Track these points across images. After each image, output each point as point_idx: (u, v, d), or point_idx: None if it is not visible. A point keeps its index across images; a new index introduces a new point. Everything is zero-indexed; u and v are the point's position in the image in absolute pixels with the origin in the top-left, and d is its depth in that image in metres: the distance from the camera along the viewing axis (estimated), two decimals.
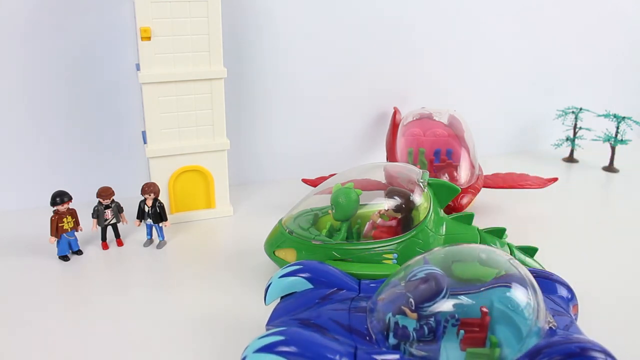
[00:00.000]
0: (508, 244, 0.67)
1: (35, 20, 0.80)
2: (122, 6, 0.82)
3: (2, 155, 0.84)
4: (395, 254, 0.63)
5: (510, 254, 0.66)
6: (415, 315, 0.48)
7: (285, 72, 0.95)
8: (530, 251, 0.68)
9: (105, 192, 0.73)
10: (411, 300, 0.48)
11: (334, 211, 0.68)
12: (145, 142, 0.80)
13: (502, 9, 1.05)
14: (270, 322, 0.51)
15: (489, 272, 0.61)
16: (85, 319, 0.61)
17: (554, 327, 0.48)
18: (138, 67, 0.77)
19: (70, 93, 0.84)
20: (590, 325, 0.57)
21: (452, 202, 0.81)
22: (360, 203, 0.71)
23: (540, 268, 0.67)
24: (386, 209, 0.69)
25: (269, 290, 0.55)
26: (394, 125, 0.96)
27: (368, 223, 0.71)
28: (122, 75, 0.85)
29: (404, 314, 0.50)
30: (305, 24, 0.93)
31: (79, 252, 0.74)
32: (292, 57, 0.94)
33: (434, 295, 0.48)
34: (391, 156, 0.94)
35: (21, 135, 0.84)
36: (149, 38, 0.73)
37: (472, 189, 0.85)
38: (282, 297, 0.55)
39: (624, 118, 1.06)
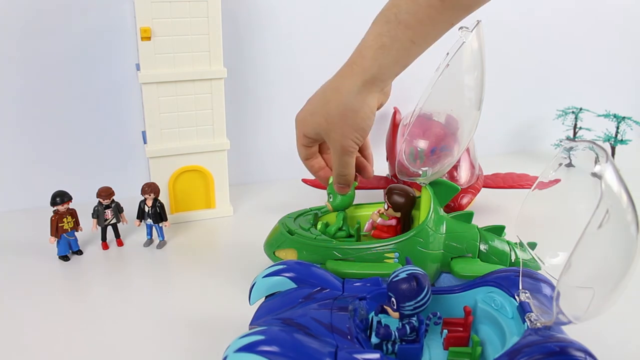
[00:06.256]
0: (507, 242, 0.67)
1: (35, 20, 0.80)
2: (122, 6, 0.82)
3: (2, 155, 0.84)
4: (396, 253, 0.63)
5: (510, 252, 0.66)
6: (397, 314, 0.49)
7: (285, 72, 0.95)
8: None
9: (105, 192, 0.73)
10: (393, 299, 0.48)
11: (332, 200, 0.68)
12: (145, 142, 0.80)
13: (503, 9, 1.05)
14: (254, 322, 0.51)
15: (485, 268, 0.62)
16: (85, 319, 0.61)
17: (538, 326, 0.47)
18: (138, 67, 0.77)
19: (70, 93, 0.84)
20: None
21: (452, 202, 0.81)
22: (360, 203, 0.71)
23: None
24: (386, 208, 0.69)
25: (253, 290, 0.55)
26: (394, 125, 0.96)
27: (367, 222, 0.71)
28: (122, 75, 0.86)
29: (386, 313, 0.50)
30: (306, 24, 0.93)
31: (79, 252, 0.74)
32: (292, 57, 0.94)
33: (416, 294, 0.48)
34: (391, 156, 0.94)
35: (21, 135, 0.84)
36: (149, 38, 0.73)
37: (472, 189, 0.85)
38: (266, 297, 0.55)
39: (624, 118, 1.06)
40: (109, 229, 0.76)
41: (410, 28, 0.55)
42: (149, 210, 0.74)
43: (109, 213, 0.74)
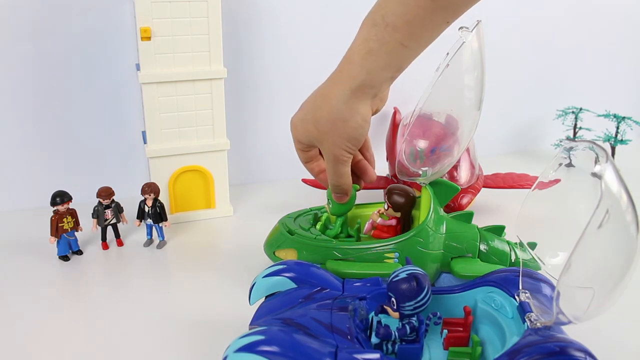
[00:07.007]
0: (507, 242, 0.67)
1: (35, 20, 0.80)
2: (122, 6, 0.82)
3: (2, 155, 0.84)
4: (396, 253, 0.63)
5: (510, 252, 0.66)
6: (397, 314, 0.49)
7: (285, 72, 0.95)
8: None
9: (105, 192, 0.73)
10: (393, 299, 0.48)
11: (330, 206, 0.68)
12: (145, 142, 0.80)
13: (503, 9, 1.05)
14: (254, 322, 0.51)
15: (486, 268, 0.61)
16: (85, 319, 0.61)
17: (538, 326, 0.48)
18: (138, 67, 0.77)
19: (70, 93, 0.84)
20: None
21: (452, 202, 0.81)
22: (360, 203, 0.71)
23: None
24: (386, 208, 0.69)
25: (253, 290, 0.55)
26: (394, 125, 0.96)
27: (367, 223, 0.71)
28: (122, 75, 0.86)
29: (386, 313, 0.50)
30: (305, 24, 0.93)
31: (79, 252, 0.74)
32: (292, 57, 0.94)
33: (416, 294, 0.48)
34: (391, 156, 0.94)
35: (21, 135, 0.84)
36: (149, 38, 0.73)
37: (472, 189, 0.85)
38: (266, 297, 0.55)
39: (624, 118, 1.06)
40: (109, 229, 0.76)
41: (398, 30, 0.52)
42: (149, 210, 0.74)
43: (109, 213, 0.74)
